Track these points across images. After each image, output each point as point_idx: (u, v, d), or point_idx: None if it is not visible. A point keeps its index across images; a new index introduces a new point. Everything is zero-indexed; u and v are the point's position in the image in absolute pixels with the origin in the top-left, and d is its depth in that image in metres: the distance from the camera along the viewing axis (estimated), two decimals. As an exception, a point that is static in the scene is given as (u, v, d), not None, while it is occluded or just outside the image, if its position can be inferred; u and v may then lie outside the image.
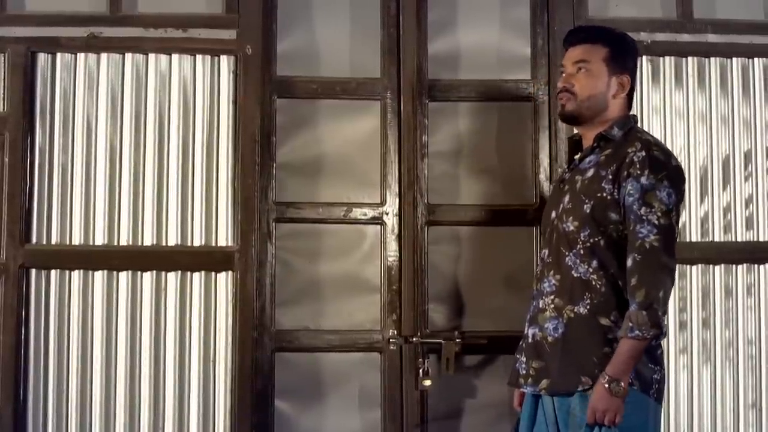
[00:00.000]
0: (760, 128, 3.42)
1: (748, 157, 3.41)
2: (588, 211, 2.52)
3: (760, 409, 3.33)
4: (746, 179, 3.40)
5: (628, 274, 2.45)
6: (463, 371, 3.31)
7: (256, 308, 3.25)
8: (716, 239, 3.37)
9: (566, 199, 2.61)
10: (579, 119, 2.66)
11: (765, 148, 3.42)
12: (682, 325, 3.34)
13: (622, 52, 2.68)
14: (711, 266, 3.36)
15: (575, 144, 2.77)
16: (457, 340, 3.25)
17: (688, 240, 3.35)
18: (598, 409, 2.39)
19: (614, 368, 2.40)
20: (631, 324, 2.39)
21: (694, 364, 3.33)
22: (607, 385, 2.39)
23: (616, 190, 2.50)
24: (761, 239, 3.38)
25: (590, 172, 2.57)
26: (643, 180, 2.45)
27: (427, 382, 3.23)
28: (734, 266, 3.36)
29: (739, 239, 3.38)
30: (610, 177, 2.51)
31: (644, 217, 2.43)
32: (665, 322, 2.43)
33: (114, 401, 3.21)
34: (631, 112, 2.71)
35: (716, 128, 3.41)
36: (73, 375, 3.20)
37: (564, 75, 2.69)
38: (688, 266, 3.34)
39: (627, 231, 2.48)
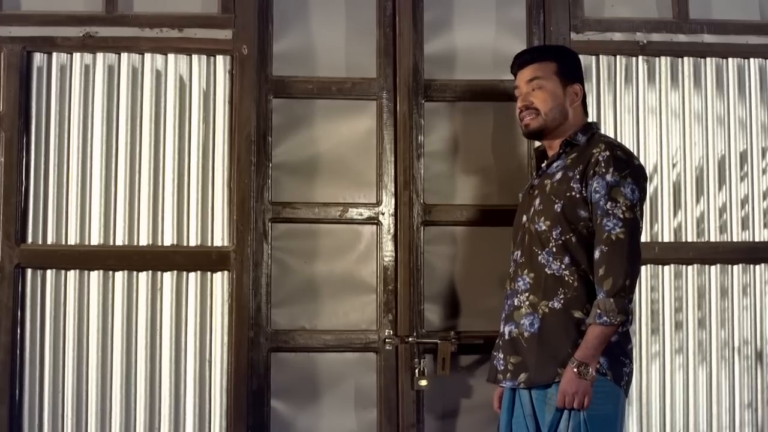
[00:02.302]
0: (756, 128, 3.42)
1: (743, 157, 3.41)
2: (559, 210, 2.65)
3: (756, 409, 3.34)
4: (742, 179, 3.41)
5: (596, 265, 2.57)
6: (459, 371, 3.32)
7: (252, 308, 3.25)
8: (712, 239, 3.37)
9: (537, 201, 2.73)
10: (544, 132, 2.81)
11: (761, 149, 3.42)
12: (678, 325, 3.34)
13: (569, 63, 2.85)
14: (707, 266, 3.36)
15: (540, 154, 2.92)
16: (453, 340, 3.25)
17: (683, 240, 3.36)
18: (568, 392, 2.51)
19: (583, 353, 2.52)
20: (599, 311, 2.52)
21: (689, 364, 3.33)
22: (576, 369, 2.50)
23: (583, 189, 2.63)
24: (757, 239, 3.39)
25: (558, 175, 2.71)
26: (608, 177, 2.59)
27: (423, 382, 3.23)
28: (730, 266, 3.37)
29: (734, 239, 3.38)
30: (578, 177, 2.64)
31: (610, 212, 2.57)
32: (631, 310, 2.55)
33: (110, 401, 3.21)
34: (589, 119, 2.89)
35: (712, 128, 3.41)
36: (68, 375, 3.20)
37: (520, 96, 2.82)
38: (684, 266, 3.35)
39: (594, 226, 2.60)
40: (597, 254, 2.57)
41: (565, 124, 2.78)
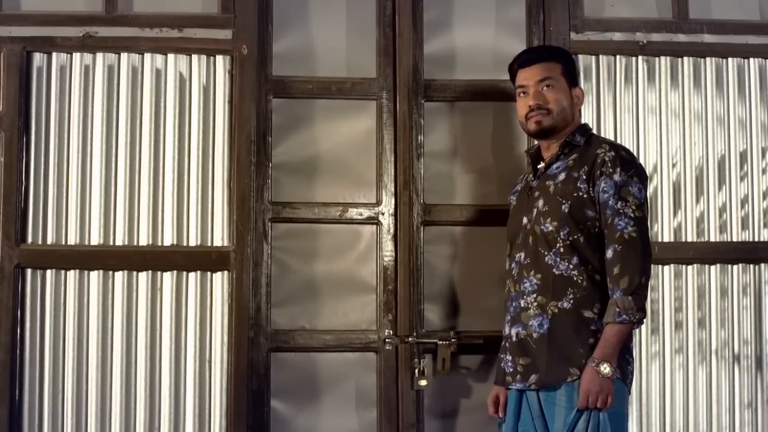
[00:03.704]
0: (756, 128, 3.42)
1: (743, 157, 3.41)
2: (566, 210, 2.65)
3: (756, 409, 3.34)
4: (742, 179, 3.41)
5: (609, 265, 2.58)
6: (459, 371, 3.31)
7: (252, 308, 3.25)
8: (712, 239, 3.37)
9: (540, 203, 2.72)
10: (553, 132, 2.79)
11: (760, 148, 3.42)
12: (678, 325, 3.34)
13: (572, 66, 2.88)
14: (707, 266, 3.36)
15: (533, 156, 2.91)
16: (453, 340, 3.25)
17: (683, 240, 3.36)
18: (592, 392, 2.51)
19: (602, 351, 2.53)
20: (618, 309, 2.53)
21: (689, 364, 3.33)
22: (597, 368, 2.51)
23: (591, 189, 2.65)
24: (757, 239, 3.38)
25: (562, 176, 2.71)
26: (616, 177, 2.62)
27: (423, 382, 3.23)
28: (730, 266, 3.37)
29: (734, 239, 3.38)
30: (584, 177, 2.66)
31: (621, 211, 2.59)
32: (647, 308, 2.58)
33: (109, 401, 3.21)
34: (584, 120, 2.94)
35: (712, 128, 3.41)
36: (68, 375, 3.20)
37: (529, 94, 2.80)
38: (684, 266, 3.35)
39: (604, 225, 2.62)
40: (610, 253, 2.58)
41: (568, 127, 2.79)
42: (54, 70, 3.27)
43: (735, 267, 3.37)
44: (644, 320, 2.58)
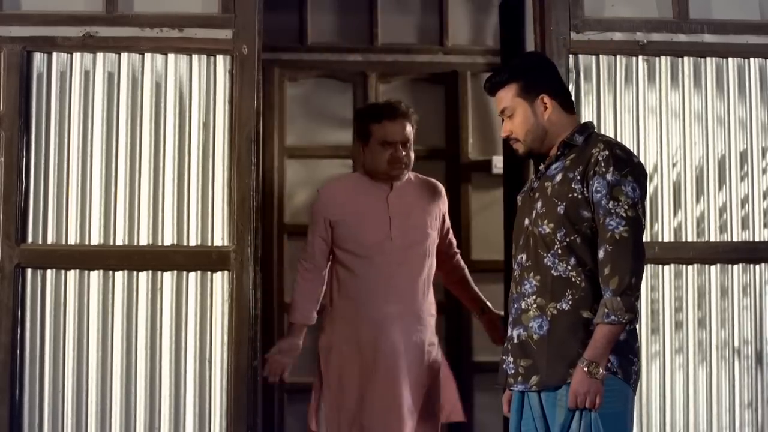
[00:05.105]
0: (756, 128, 3.42)
1: (743, 157, 3.41)
2: (562, 212, 2.63)
3: (756, 409, 3.33)
4: (742, 179, 3.41)
5: (601, 265, 2.57)
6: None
7: (252, 308, 3.24)
8: (712, 239, 3.37)
9: (539, 204, 2.71)
10: (533, 152, 2.76)
11: (761, 148, 3.42)
12: (678, 325, 3.34)
13: (530, 77, 2.74)
14: (707, 266, 3.36)
15: (538, 157, 2.85)
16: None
17: (683, 240, 3.36)
18: (579, 392, 2.50)
19: (592, 352, 2.51)
20: (607, 310, 2.51)
21: (690, 363, 3.33)
22: (586, 369, 2.50)
23: (585, 189, 2.62)
24: (757, 239, 3.38)
25: (559, 177, 2.68)
26: (609, 176, 2.58)
27: None
28: (730, 266, 3.37)
29: (734, 239, 3.38)
30: (578, 177, 2.63)
31: (613, 211, 2.56)
32: (638, 308, 2.55)
33: (110, 401, 3.21)
34: (587, 119, 2.90)
35: (712, 128, 3.41)
36: (68, 375, 3.20)
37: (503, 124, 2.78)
38: (684, 266, 3.34)
39: (597, 225, 2.60)
40: (601, 254, 2.57)
41: (548, 137, 2.73)
42: (54, 70, 3.27)
43: (735, 267, 3.36)
44: (636, 320, 2.56)
